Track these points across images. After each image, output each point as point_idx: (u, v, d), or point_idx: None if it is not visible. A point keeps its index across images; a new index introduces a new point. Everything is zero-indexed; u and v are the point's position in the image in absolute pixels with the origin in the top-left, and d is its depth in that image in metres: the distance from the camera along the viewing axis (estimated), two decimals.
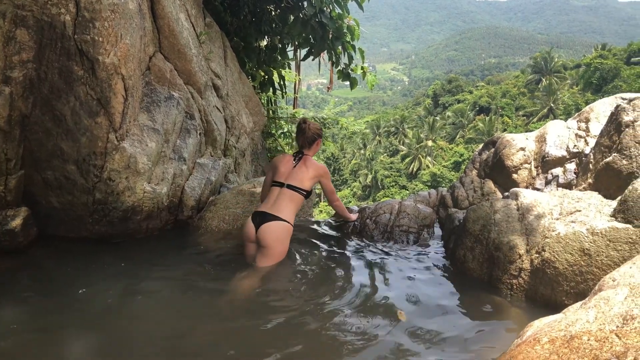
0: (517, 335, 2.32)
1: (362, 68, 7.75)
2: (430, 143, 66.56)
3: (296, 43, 8.36)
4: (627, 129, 3.54)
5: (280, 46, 8.45)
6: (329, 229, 4.83)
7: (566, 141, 4.60)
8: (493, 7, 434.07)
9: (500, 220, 3.62)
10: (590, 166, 3.94)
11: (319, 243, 4.37)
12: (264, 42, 8.53)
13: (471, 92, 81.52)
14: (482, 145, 5.76)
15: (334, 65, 7.68)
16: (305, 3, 7.01)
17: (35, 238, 3.95)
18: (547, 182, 4.43)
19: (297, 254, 4.03)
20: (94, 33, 3.62)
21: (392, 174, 64.20)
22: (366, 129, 69.82)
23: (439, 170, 60.09)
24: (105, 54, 3.69)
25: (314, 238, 4.48)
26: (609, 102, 4.71)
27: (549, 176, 4.45)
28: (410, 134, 70.19)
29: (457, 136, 69.72)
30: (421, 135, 68.25)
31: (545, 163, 4.55)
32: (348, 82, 7.90)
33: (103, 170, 3.95)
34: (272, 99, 9.81)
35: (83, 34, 3.59)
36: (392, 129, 75.94)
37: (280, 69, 9.07)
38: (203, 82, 5.51)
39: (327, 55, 7.61)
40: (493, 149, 5.24)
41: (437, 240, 4.54)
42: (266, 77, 8.75)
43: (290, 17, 7.26)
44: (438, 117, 75.26)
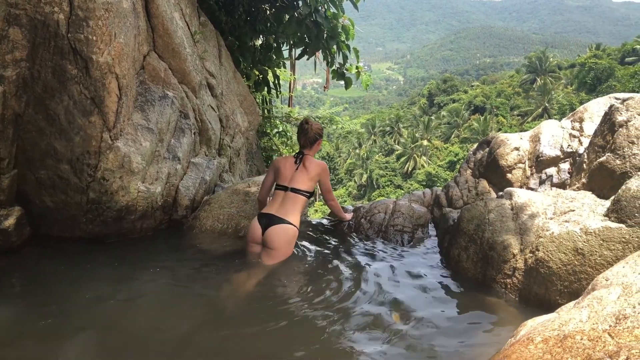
0: (511, 335, 2.33)
1: (356, 68, 7.74)
2: (425, 142, 66.68)
3: (291, 42, 8.35)
4: (620, 129, 3.55)
5: (275, 45, 8.43)
6: (324, 229, 4.83)
7: (560, 141, 4.61)
8: (488, 7, 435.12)
9: (494, 220, 3.63)
10: (584, 166, 3.95)
11: (313, 243, 4.37)
12: (258, 41, 8.51)
13: (466, 92, 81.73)
14: (476, 144, 5.77)
15: (329, 65, 7.67)
16: (300, 2, 6.99)
17: (28, 238, 3.93)
18: (541, 182, 4.44)
19: (292, 254, 4.03)
20: (88, 32, 3.60)
21: (387, 174, 64.29)
22: (361, 129, 69.95)
23: (434, 169, 60.20)
24: (99, 53, 3.68)
25: (308, 238, 4.48)
26: (602, 102, 4.73)
27: (543, 176, 4.46)
28: (406, 134, 70.33)
29: (452, 136, 69.87)
30: (416, 135, 68.37)
31: (539, 163, 4.56)
32: (343, 82, 7.90)
33: (97, 169, 3.93)
34: (267, 98, 9.79)
35: (77, 32, 3.57)
36: (387, 128, 76.07)
37: (275, 68, 9.05)
38: (197, 81, 5.50)
39: (322, 55, 7.60)
40: (487, 149, 5.25)
41: (431, 239, 4.55)
42: (261, 76, 8.73)
43: (285, 16, 7.24)
44: (433, 117, 75.44)
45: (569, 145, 4.52)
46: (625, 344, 1.63)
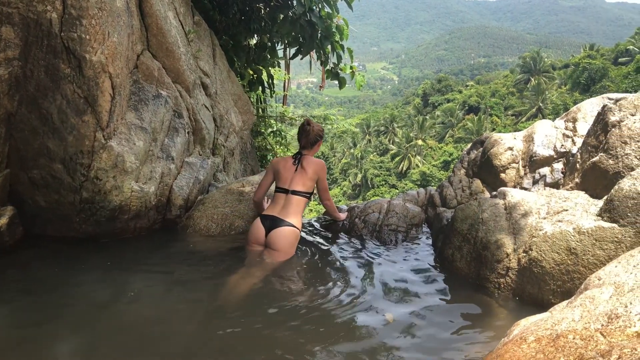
0: (504, 334, 2.33)
1: (351, 68, 7.74)
2: (419, 142, 66.81)
3: (286, 42, 8.34)
4: (613, 129, 3.56)
5: (269, 44, 8.42)
6: (318, 228, 4.83)
7: (554, 141, 4.62)
8: (482, 7, 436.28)
9: (487, 220, 3.64)
10: (577, 166, 3.96)
11: (308, 243, 4.37)
12: (253, 41, 8.50)
13: (460, 92, 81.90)
14: (470, 144, 5.78)
15: (323, 65, 7.67)
16: (294, 1, 6.99)
17: (21, 237, 3.91)
18: (535, 182, 4.45)
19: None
20: (81, 31, 3.59)
21: (381, 173, 64.39)
22: (356, 128, 69.99)
23: (428, 169, 60.37)
24: (92, 52, 3.66)
25: (302, 238, 4.47)
26: (596, 102, 4.75)
27: (537, 175, 4.48)
28: (400, 133, 70.44)
29: (447, 135, 70.05)
30: (411, 135, 68.50)
31: (532, 162, 4.58)
32: (337, 82, 7.91)
33: (90, 169, 3.91)
34: (261, 97, 9.78)
35: (70, 31, 3.55)
36: (381, 128, 76.17)
37: (270, 67, 9.04)
38: (191, 80, 5.49)
39: (316, 55, 7.60)
40: (481, 149, 5.26)
41: (425, 239, 4.55)
42: (255, 75, 8.72)
43: (280, 16, 7.24)
44: (427, 117, 75.58)
45: (562, 145, 4.53)
46: (617, 343, 1.63)
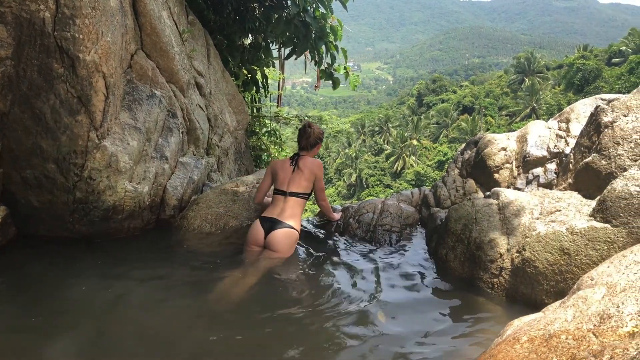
0: (498, 334, 2.34)
1: (345, 68, 7.75)
2: (414, 142, 66.91)
3: (280, 42, 8.34)
4: (606, 130, 3.58)
5: (264, 44, 8.42)
6: (312, 228, 4.83)
7: (547, 141, 4.64)
8: (477, 7, 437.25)
9: (481, 220, 3.65)
10: (571, 166, 3.98)
11: (302, 243, 4.37)
12: (247, 41, 8.49)
13: (455, 92, 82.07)
14: (464, 144, 5.79)
15: (317, 65, 7.68)
16: (289, 2, 6.99)
17: (14, 237, 3.90)
18: (528, 182, 4.46)
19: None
20: (74, 30, 3.57)
21: (376, 173, 64.46)
22: (351, 128, 70.06)
23: (423, 169, 60.47)
24: (85, 52, 3.65)
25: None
26: (589, 102, 4.76)
27: (530, 176, 4.49)
28: (395, 133, 70.49)
29: (441, 135, 70.18)
30: (405, 135, 68.58)
31: (526, 163, 4.59)
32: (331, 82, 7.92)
33: (84, 169, 3.90)
34: (255, 97, 9.77)
35: (63, 31, 3.54)
36: (376, 128, 76.22)
37: (264, 67, 9.03)
38: (185, 80, 5.48)
39: (310, 55, 7.60)
40: (475, 149, 5.27)
41: (419, 239, 4.56)
42: (250, 75, 8.71)
43: (274, 16, 7.24)
44: (422, 117, 75.70)
45: (555, 145, 4.55)
46: (609, 343, 1.64)
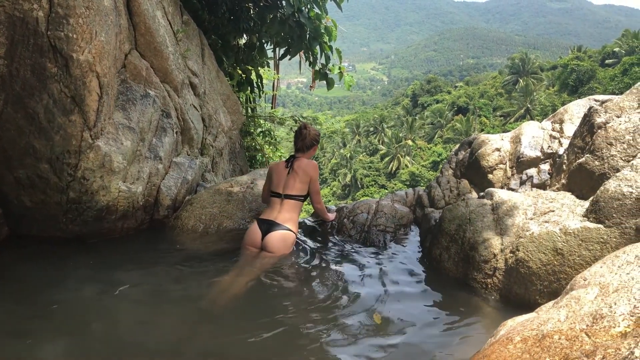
0: (491, 334, 2.34)
1: (339, 69, 7.75)
2: (409, 142, 67.01)
3: (275, 42, 8.33)
4: (599, 131, 3.59)
5: (258, 44, 8.41)
6: (307, 229, 4.82)
7: (540, 142, 4.65)
8: (471, 8, 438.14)
9: (475, 220, 3.65)
10: (564, 167, 3.99)
11: (296, 244, 4.36)
12: (242, 41, 8.48)
13: (450, 93, 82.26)
14: (458, 145, 5.80)
15: (311, 65, 7.68)
16: (283, 2, 6.99)
17: (6, 238, 3.88)
18: (522, 183, 4.48)
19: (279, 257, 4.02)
20: (68, 30, 3.55)
21: (371, 173, 64.52)
22: (346, 128, 70.09)
23: (417, 169, 60.57)
24: (79, 51, 3.63)
25: None
26: (582, 103, 4.79)
27: (524, 176, 4.50)
28: (390, 134, 70.58)
29: (436, 136, 70.33)
30: (400, 135, 68.67)
31: (520, 163, 4.60)
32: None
33: (77, 169, 3.88)
34: (250, 97, 9.76)
35: (56, 30, 3.52)
36: (371, 128, 76.29)
37: (259, 67, 9.03)
38: (180, 80, 5.46)
39: (305, 55, 7.60)
40: (469, 149, 5.28)
41: (413, 239, 4.57)
42: (244, 75, 8.70)
43: (269, 16, 7.23)
44: (417, 117, 75.82)
45: (549, 146, 4.56)
46: (602, 343, 1.65)
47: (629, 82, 48.63)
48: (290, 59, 7.81)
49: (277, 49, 9.02)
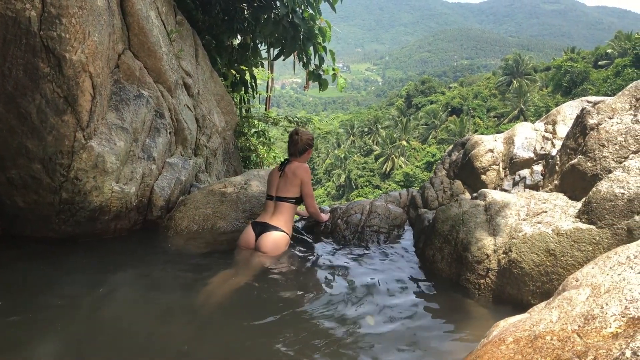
0: (484, 335, 2.35)
1: (333, 70, 7.75)
2: (403, 143, 67.10)
3: (269, 42, 8.32)
4: (591, 132, 3.61)
5: (252, 45, 8.40)
6: (300, 230, 4.82)
7: (534, 143, 4.67)
8: (465, 9, 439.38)
9: (468, 221, 3.66)
10: (557, 168, 4.01)
11: (290, 245, 4.36)
12: (236, 41, 8.47)
13: (444, 93, 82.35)
14: (452, 146, 5.81)
15: (304, 66, 7.68)
16: (277, 2, 6.98)
17: None
18: (515, 183, 4.49)
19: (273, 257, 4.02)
20: (61, 29, 3.54)
21: (365, 174, 64.55)
22: (340, 129, 70.11)
23: (411, 170, 60.64)
24: (72, 51, 3.62)
25: None
26: (575, 105, 4.81)
27: (517, 177, 4.52)
28: (384, 134, 70.64)
29: (430, 137, 70.44)
30: (394, 136, 68.75)
31: (513, 164, 4.62)
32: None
33: (70, 169, 3.87)
34: (244, 98, 9.74)
35: (49, 30, 3.50)
36: (365, 129, 76.34)
37: (253, 68, 9.02)
38: (173, 80, 5.45)
39: (298, 56, 7.60)
40: (462, 150, 5.30)
41: (407, 240, 4.57)
42: (238, 76, 8.69)
43: (263, 16, 7.22)
44: (411, 118, 75.91)
45: (542, 147, 4.58)
46: (593, 344, 1.65)
47: (621, 83, 48.88)
48: (284, 60, 7.80)
49: (271, 49, 9.01)
